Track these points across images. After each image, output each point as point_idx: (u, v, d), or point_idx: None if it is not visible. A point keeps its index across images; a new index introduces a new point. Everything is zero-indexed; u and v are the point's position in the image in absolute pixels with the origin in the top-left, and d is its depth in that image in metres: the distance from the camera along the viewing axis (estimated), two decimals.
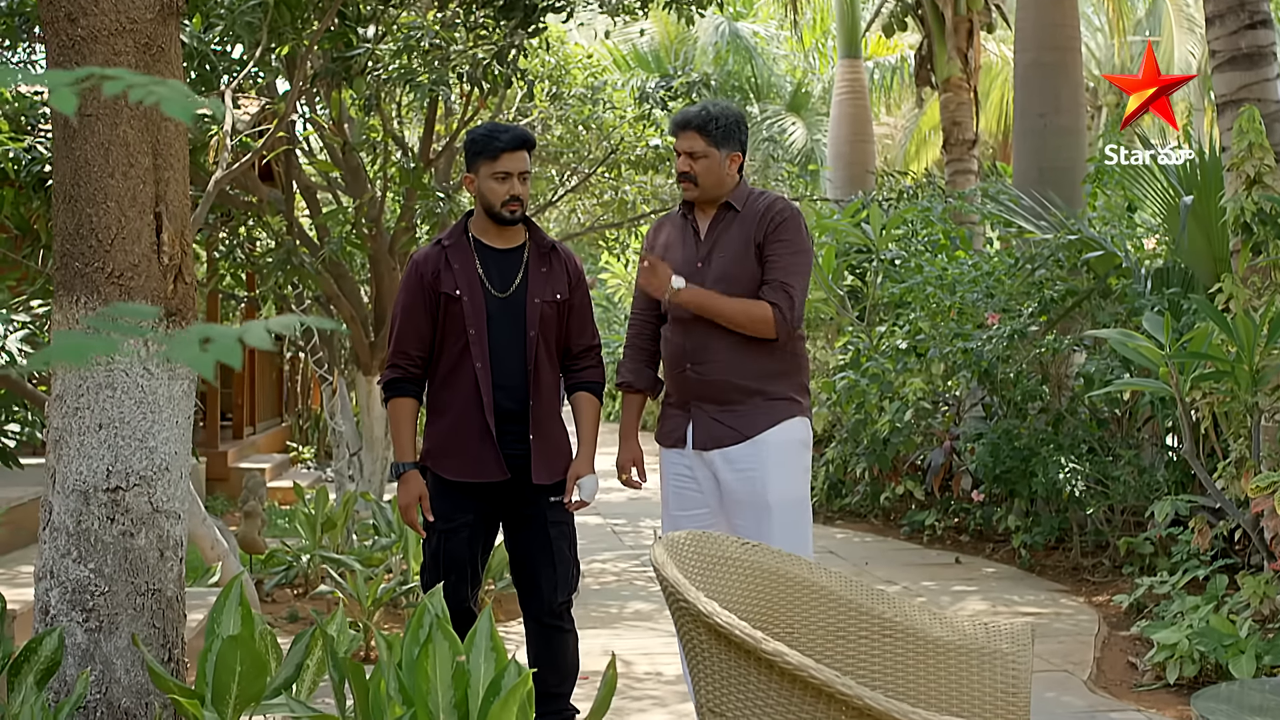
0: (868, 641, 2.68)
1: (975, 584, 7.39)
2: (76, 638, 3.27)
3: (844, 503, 10.46)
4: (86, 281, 3.27)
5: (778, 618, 2.68)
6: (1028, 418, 7.76)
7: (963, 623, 2.76)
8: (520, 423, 3.89)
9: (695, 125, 4.04)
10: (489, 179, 3.90)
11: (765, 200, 4.09)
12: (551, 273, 4.00)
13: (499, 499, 3.90)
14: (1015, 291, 7.87)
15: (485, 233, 3.98)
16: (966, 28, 11.84)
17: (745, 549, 2.71)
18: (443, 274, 3.91)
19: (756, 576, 2.66)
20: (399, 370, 3.94)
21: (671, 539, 2.57)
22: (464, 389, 3.87)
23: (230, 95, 6.47)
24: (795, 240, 4.02)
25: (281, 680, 2.84)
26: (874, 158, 15.01)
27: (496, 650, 2.42)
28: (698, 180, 4.03)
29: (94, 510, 3.28)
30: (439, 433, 3.91)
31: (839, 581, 2.76)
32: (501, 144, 3.90)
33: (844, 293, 10.87)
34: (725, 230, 4.07)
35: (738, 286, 3.99)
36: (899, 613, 2.72)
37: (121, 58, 3.25)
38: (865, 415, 9.48)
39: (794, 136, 20.82)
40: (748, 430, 3.95)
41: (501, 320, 3.90)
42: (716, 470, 3.99)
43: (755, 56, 21.65)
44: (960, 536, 8.98)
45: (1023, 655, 2.64)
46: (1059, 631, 6.06)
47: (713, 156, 4.03)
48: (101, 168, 3.25)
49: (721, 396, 4.00)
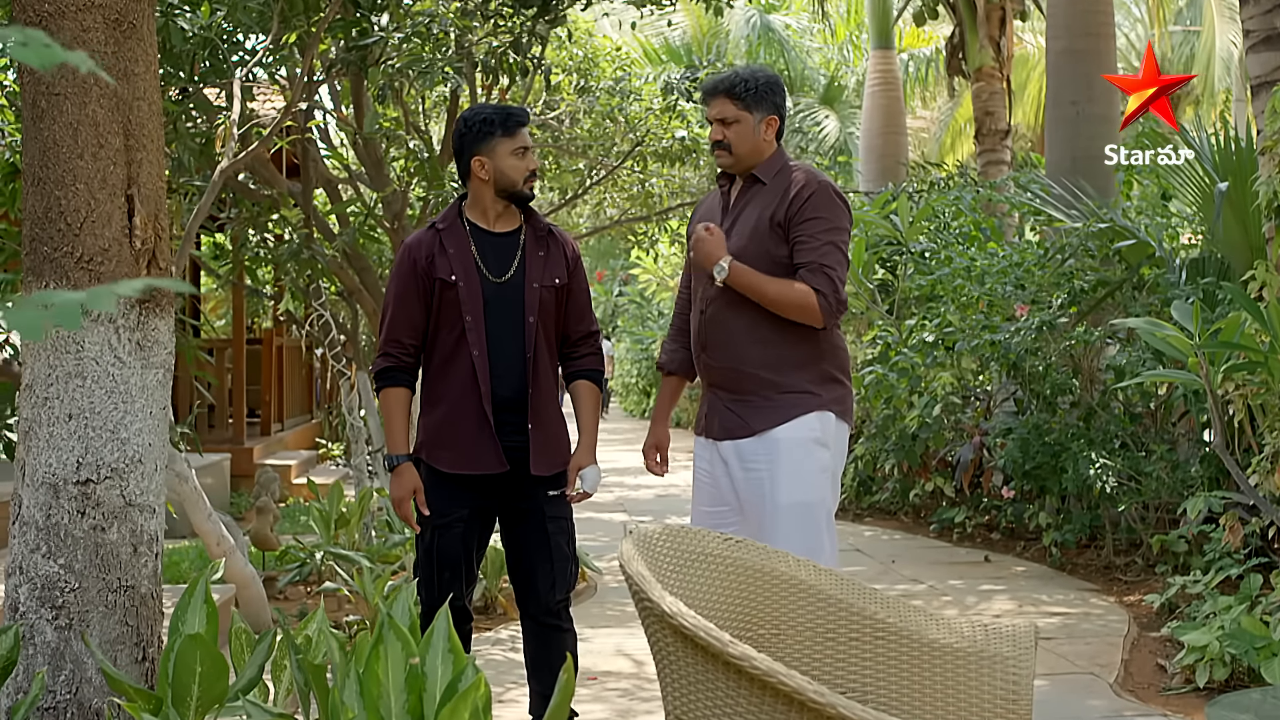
0: (859, 644, 2.52)
1: (1004, 583, 7.19)
2: (46, 635, 3.15)
3: (873, 500, 10.27)
4: (55, 267, 3.15)
5: (762, 618, 2.52)
6: (1058, 412, 7.55)
7: (961, 624, 2.60)
8: (519, 412, 3.75)
9: (724, 89, 3.81)
10: (509, 156, 3.76)
11: (792, 173, 3.80)
12: (549, 257, 3.86)
13: (495, 492, 3.76)
14: (1045, 283, 7.66)
15: (483, 216, 3.84)
16: (999, 15, 11.60)
17: (727, 545, 2.55)
18: (437, 259, 3.78)
19: (739, 574, 2.50)
20: (391, 359, 3.81)
21: (645, 533, 2.42)
22: (460, 378, 3.73)
23: (239, 85, 6.37)
24: (828, 215, 3.72)
25: (244, 682, 2.71)
26: (906, 150, 14.78)
27: (454, 651, 2.28)
28: (731, 148, 3.80)
29: (64, 504, 3.16)
30: (434, 424, 3.78)
31: (829, 580, 2.60)
32: (518, 117, 3.79)
33: (874, 286, 10.68)
34: (748, 204, 3.83)
35: (749, 266, 3.74)
36: (893, 614, 2.56)
37: (90, 34, 3.13)
38: (894, 410, 9.29)
39: (827, 130, 20.60)
40: (756, 424, 3.72)
41: (499, 306, 3.76)
42: (729, 466, 3.77)
43: (787, 49, 21.44)
44: (991, 534, 8.78)
45: (1024, 658, 2.48)
46: (1087, 632, 5.86)
47: (745, 121, 3.79)
48: (70, 148, 3.13)
49: (733, 384, 3.78)
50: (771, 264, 3.74)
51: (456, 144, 3.84)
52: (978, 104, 11.89)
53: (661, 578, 2.32)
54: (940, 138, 21.90)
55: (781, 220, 3.73)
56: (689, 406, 19.87)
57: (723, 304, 3.80)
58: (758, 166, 3.83)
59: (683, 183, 13.31)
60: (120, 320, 3.19)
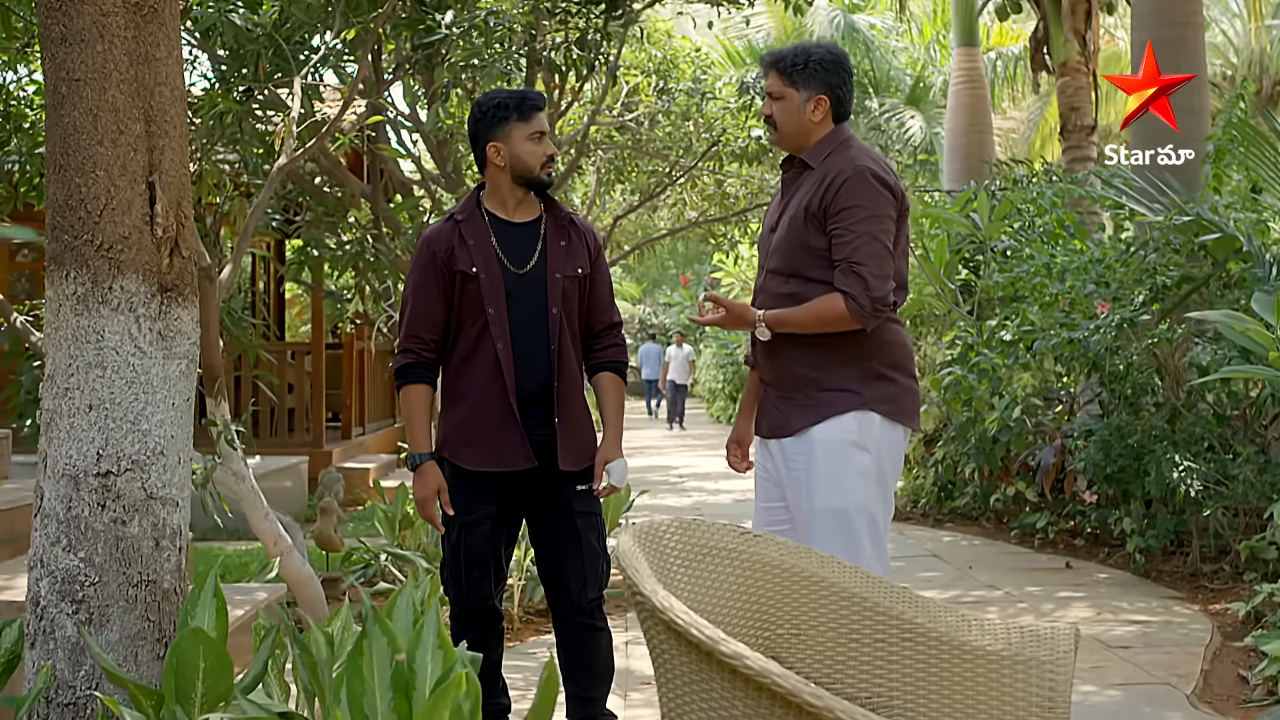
0: (885, 646, 2.37)
1: (1083, 590, 6.94)
2: (67, 630, 3.10)
3: (954, 505, 10.02)
4: (75, 255, 3.10)
5: (781, 617, 2.38)
6: (1141, 413, 7.27)
7: (997, 627, 2.43)
8: (545, 406, 3.64)
9: (772, 62, 3.67)
10: (525, 141, 3.67)
11: (838, 156, 3.59)
12: (571, 246, 3.75)
13: (522, 489, 3.66)
14: (1127, 280, 7.38)
15: (502, 206, 3.75)
16: (1084, 8, 11.28)
17: (744, 539, 2.41)
18: (457, 251, 3.68)
19: (758, 570, 2.37)
20: (411, 355, 3.72)
21: (651, 526, 2.29)
22: (483, 372, 3.63)
23: (300, 84, 6.35)
24: (860, 205, 3.50)
25: (250, 678, 2.63)
26: (992, 149, 14.45)
27: (444, 647, 2.18)
28: (777, 124, 3.66)
29: (84, 496, 3.10)
30: (457, 420, 3.68)
31: (855, 578, 2.45)
32: (534, 101, 3.70)
33: (956, 287, 10.43)
34: (795, 191, 3.65)
35: (789, 258, 3.60)
36: (923, 614, 2.40)
37: (110, 18, 3.08)
38: (974, 413, 9.04)
39: (912, 130, 20.28)
40: (795, 423, 3.56)
41: (521, 298, 3.66)
42: (778, 465, 3.63)
43: (872, 49, 21.16)
44: (1074, 540, 8.50)
45: (1063, 663, 2.30)
46: (1166, 641, 5.61)
47: (790, 98, 3.62)
48: (90, 135, 3.08)
49: (780, 382, 3.64)
50: (810, 256, 3.57)
51: (472, 130, 3.75)
52: (1063, 100, 11.57)
53: (668, 572, 2.20)
54: (1030, 138, 21.46)
55: (817, 210, 3.55)
56: None
57: (768, 296, 3.67)
58: (806, 150, 3.65)
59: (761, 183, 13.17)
60: (141, 310, 3.13)
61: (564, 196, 16.41)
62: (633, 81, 14.23)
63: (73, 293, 3.11)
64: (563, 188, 14.68)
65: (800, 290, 3.58)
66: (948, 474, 9.92)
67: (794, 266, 3.60)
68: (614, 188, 16.44)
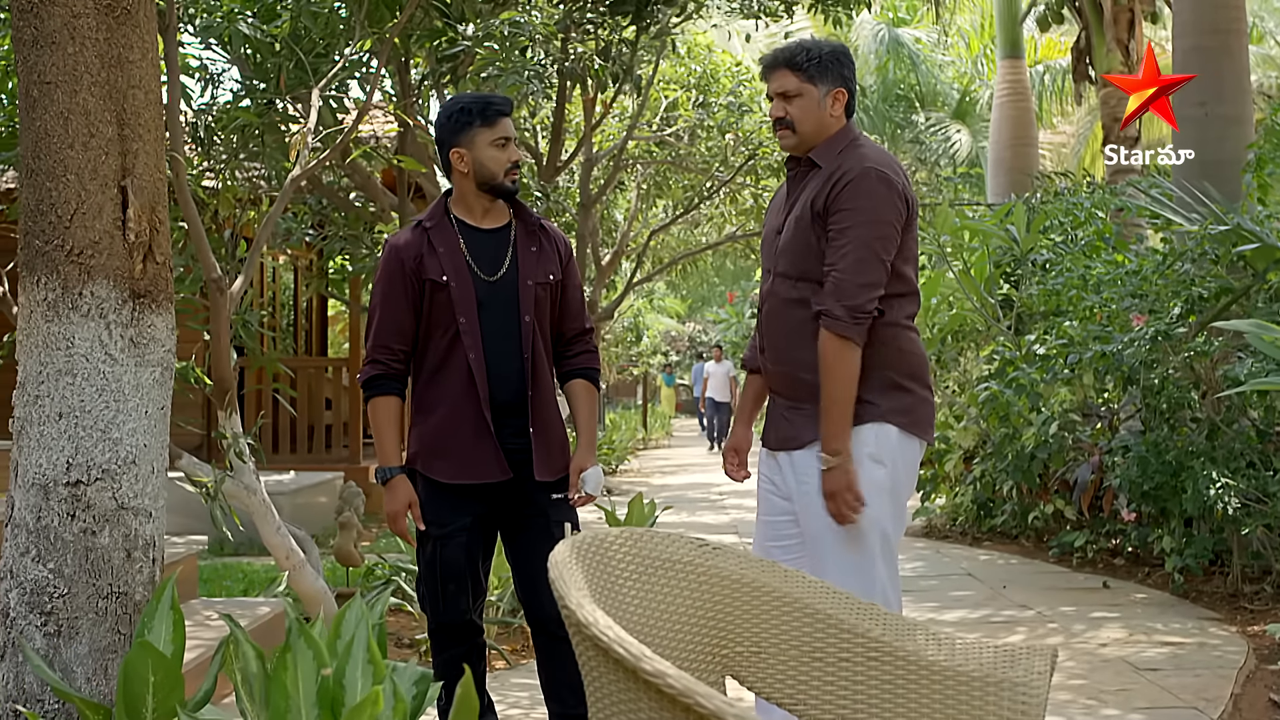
0: (850, 665, 2.24)
1: (1118, 610, 6.75)
2: (36, 642, 3.04)
3: (993, 523, 9.82)
4: (46, 260, 3.05)
5: (741, 634, 2.27)
6: (1177, 429, 7.07)
7: (969, 645, 2.31)
8: (519, 416, 3.56)
9: (783, 61, 3.44)
10: (488, 147, 3.58)
11: (847, 154, 3.39)
12: (542, 252, 3.67)
13: (496, 500, 3.57)
14: (1165, 291, 7.19)
15: (470, 212, 3.67)
16: (1127, 18, 11.09)
17: (702, 552, 2.30)
18: (426, 259, 3.60)
19: (716, 585, 2.25)
20: (380, 366, 3.63)
21: (598, 535, 2.19)
22: (455, 383, 3.55)
23: (318, 96, 6.32)
24: (860, 208, 3.29)
25: (201, 694, 2.56)
26: (1037, 162, 14.26)
27: (374, 662, 2.09)
28: (795, 125, 3.42)
29: (54, 506, 3.05)
30: (429, 432, 3.59)
31: (820, 594, 2.33)
32: (498, 106, 3.60)
33: (997, 301, 10.25)
34: (802, 192, 3.45)
35: (797, 261, 3.40)
36: (890, 632, 2.28)
37: (81, 20, 3.03)
38: (1012, 429, 8.86)
39: (958, 145, 20.06)
40: (806, 435, 3.39)
41: (493, 306, 3.58)
42: (786, 477, 3.46)
43: (918, 64, 20.96)
44: (1114, 559, 8.28)
45: (1036, 684, 2.17)
46: (1198, 664, 5.42)
47: (809, 94, 3.40)
48: (61, 138, 3.03)
49: (790, 391, 3.47)
50: (817, 259, 3.38)
51: (437, 136, 3.68)
52: (1105, 110, 11.38)
53: (614, 586, 2.09)
54: (1080, 152, 21.16)
55: (822, 209, 3.37)
56: None
57: (777, 301, 3.49)
58: (816, 149, 3.45)
59: None
60: (112, 316, 3.07)
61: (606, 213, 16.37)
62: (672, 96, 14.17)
63: (43, 299, 3.06)
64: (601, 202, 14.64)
65: (810, 295, 3.40)
66: (986, 491, 9.72)
67: (802, 269, 3.42)
68: (655, 203, 16.38)
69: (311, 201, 10.34)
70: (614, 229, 16.65)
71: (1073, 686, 5.08)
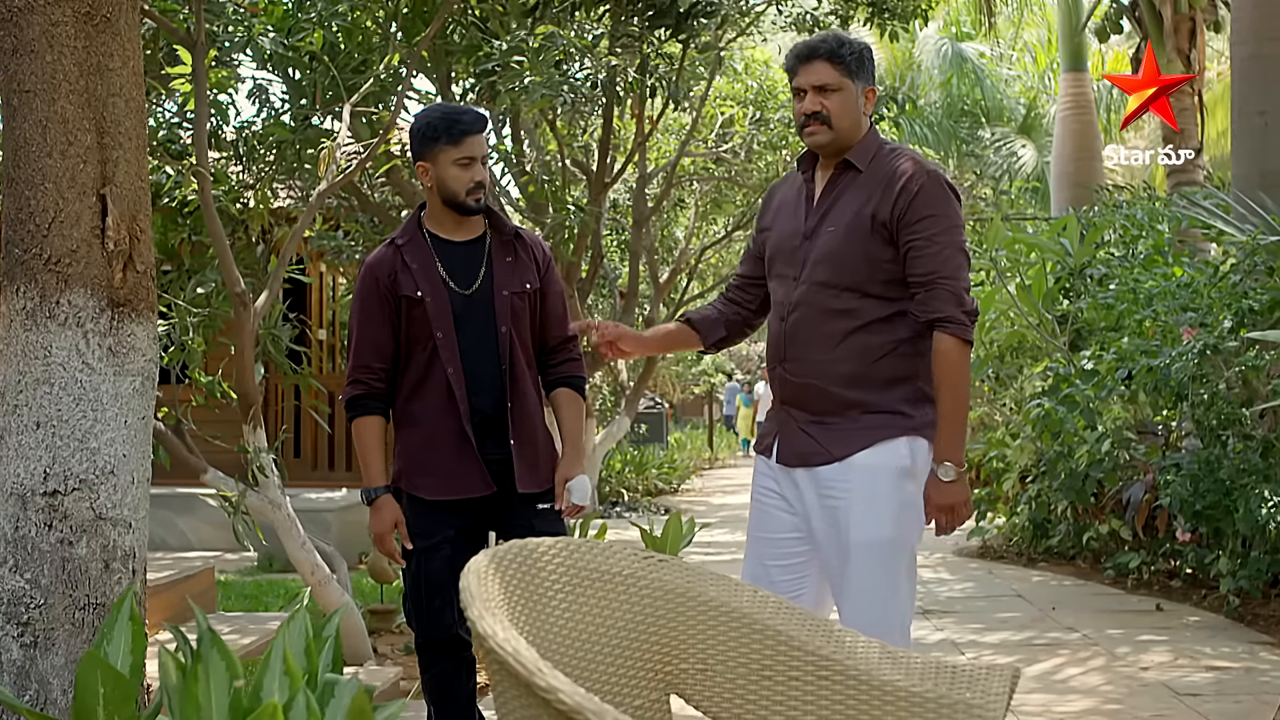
0: (800, 684, 2.14)
1: (1168, 633, 6.54)
2: (12, 653, 3.02)
3: (1048, 543, 9.59)
4: (25, 269, 3.04)
5: (687, 651, 2.18)
6: (1228, 445, 6.85)
7: (925, 665, 2.19)
8: (499, 428, 3.51)
9: (824, 52, 3.26)
10: (451, 165, 3.54)
11: (894, 160, 3.26)
12: (518, 262, 3.62)
13: (482, 513, 3.52)
14: (1216, 304, 6.98)
15: (442, 226, 3.63)
16: (1188, 26, 10.84)
17: (647, 564, 2.21)
18: (400, 275, 3.57)
19: (660, 598, 2.16)
20: (361, 386, 3.60)
21: (526, 545, 2.11)
22: (435, 398, 3.51)
23: (350, 110, 6.33)
24: (944, 212, 3.20)
25: (153, 706, 2.51)
26: (1101, 175, 13.97)
27: (290, 674, 2.02)
28: (831, 120, 3.24)
29: (31, 516, 3.03)
30: (412, 449, 3.56)
31: (771, 610, 2.23)
32: (464, 126, 3.53)
33: (1054, 316, 10.04)
34: (840, 196, 3.28)
35: (845, 270, 3.23)
36: (841, 650, 2.18)
37: (59, 28, 3.02)
38: (1064, 447, 8.65)
39: (1024, 159, 19.77)
40: (838, 450, 3.23)
41: (469, 319, 3.54)
42: (803, 493, 3.30)
43: (982, 78, 20.71)
44: (1170, 581, 8.05)
45: (993, 707, 2.06)
46: (1241, 689, 5.22)
47: (847, 90, 3.25)
48: (40, 147, 3.02)
49: (814, 404, 3.29)
50: (871, 268, 3.24)
51: (411, 146, 3.64)
52: None
53: (539, 598, 2.01)
54: (1151, 166, 20.76)
55: (887, 219, 3.21)
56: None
57: (811, 310, 3.30)
58: (852, 150, 3.30)
59: None
60: (90, 325, 3.05)
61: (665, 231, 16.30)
62: (728, 113, 14.09)
63: (22, 308, 3.05)
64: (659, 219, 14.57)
65: (858, 306, 3.25)
66: (1041, 511, 9.50)
67: (852, 280, 3.26)
68: (714, 220, 16.30)
69: (364, 220, 10.40)
70: (674, 246, 16.59)
71: (1107, 711, 4.92)
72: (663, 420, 23.04)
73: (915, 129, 19.45)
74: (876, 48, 20.99)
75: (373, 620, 6.63)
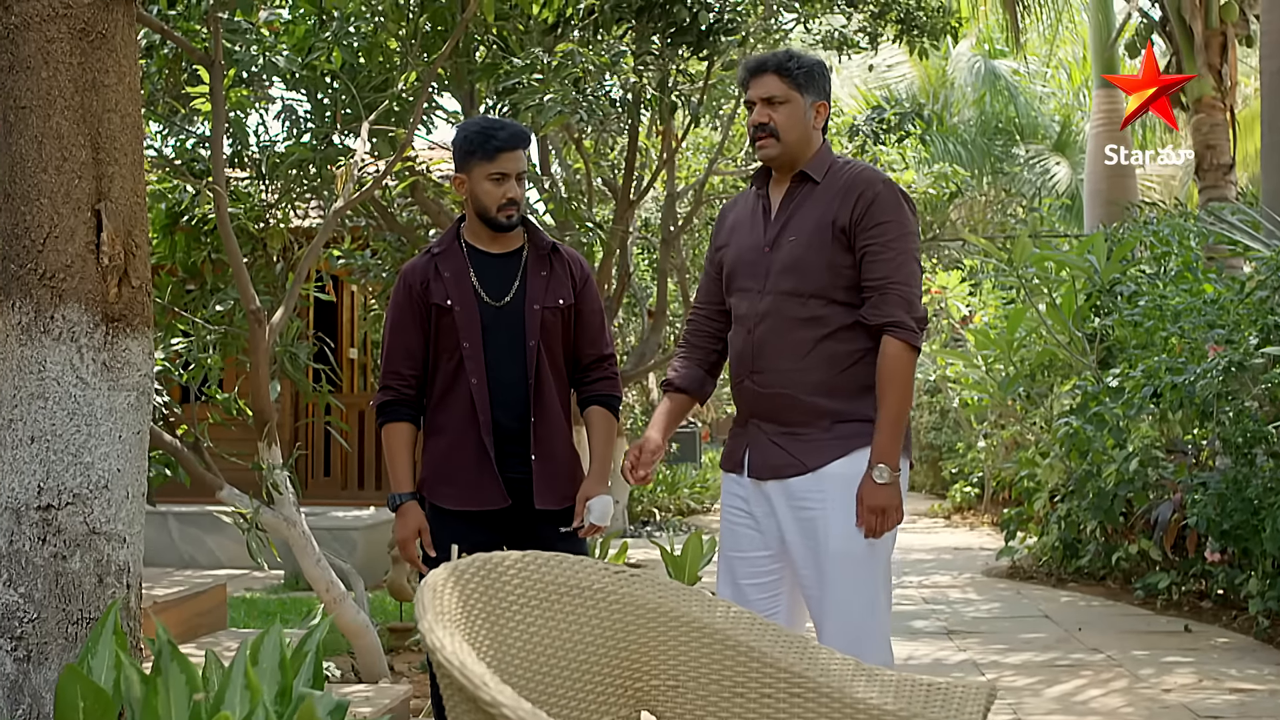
0: (771, 702, 2.11)
1: (1194, 655, 6.43)
2: (5, 668, 3.03)
3: (1078, 564, 9.47)
4: (20, 284, 3.06)
5: (657, 667, 2.14)
6: (1256, 464, 6.74)
7: (900, 683, 2.15)
8: (522, 443, 3.48)
9: (773, 65, 3.33)
10: (484, 180, 3.52)
11: (850, 171, 3.32)
12: (553, 276, 3.59)
13: (503, 528, 3.49)
14: (1243, 320, 6.89)
15: (478, 238, 3.62)
16: (1219, 41, 10.72)
17: (617, 578, 2.18)
18: (432, 284, 3.56)
19: (630, 613, 2.13)
20: (391, 392, 3.60)
21: (489, 558, 2.09)
22: (460, 408, 3.50)
23: (367, 128, 6.35)
24: (896, 221, 3.23)
25: None
26: (1135, 192, 13.81)
27: (251, 688, 2.01)
28: (779, 133, 3.31)
29: (25, 530, 3.04)
30: (435, 458, 3.55)
31: (745, 626, 2.19)
32: (499, 142, 3.51)
33: (1085, 334, 9.95)
34: (800, 207, 3.33)
35: (809, 278, 3.27)
36: (813, 667, 2.14)
37: (55, 45, 3.05)
38: (1093, 466, 8.55)
39: (1058, 177, 19.62)
40: (811, 461, 3.24)
41: (498, 331, 3.52)
42: (775, 507, 3.29)
43: (1016, 96, 20.59)
44: (1201, 602, 7.93)
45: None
46: (1264, 712, 5.12)
47: (795, 103, 3.31)
48: (35, 162, 3.05)
49: (784, 415, 3.30)
50: (834, 275, 3.27)
51: (453, 155, 3.64)
52: (1198, 137, 11.00)
53: (499, 612, 1.99)
54: (1188, 183, 20.56)
55: (846, 224, 3.25)
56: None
57: (778, 320, 3.32)
58: (808, 162, 3.35)
59: None
60: (84, 340, 3.06)
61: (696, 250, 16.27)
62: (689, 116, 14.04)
63: (17, 323, 3.06)
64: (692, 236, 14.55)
65: (825, 313, 3.29)
66: (1071, 531, 9.39)
67: (817, 287, 3.29)
68: None
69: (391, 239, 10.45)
70: None
71: None
72: (696, 439, 22.97)
73: (949, 147, 19.35)
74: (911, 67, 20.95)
75: (391, 638, 6.63)
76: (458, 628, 1.77)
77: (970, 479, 15.79)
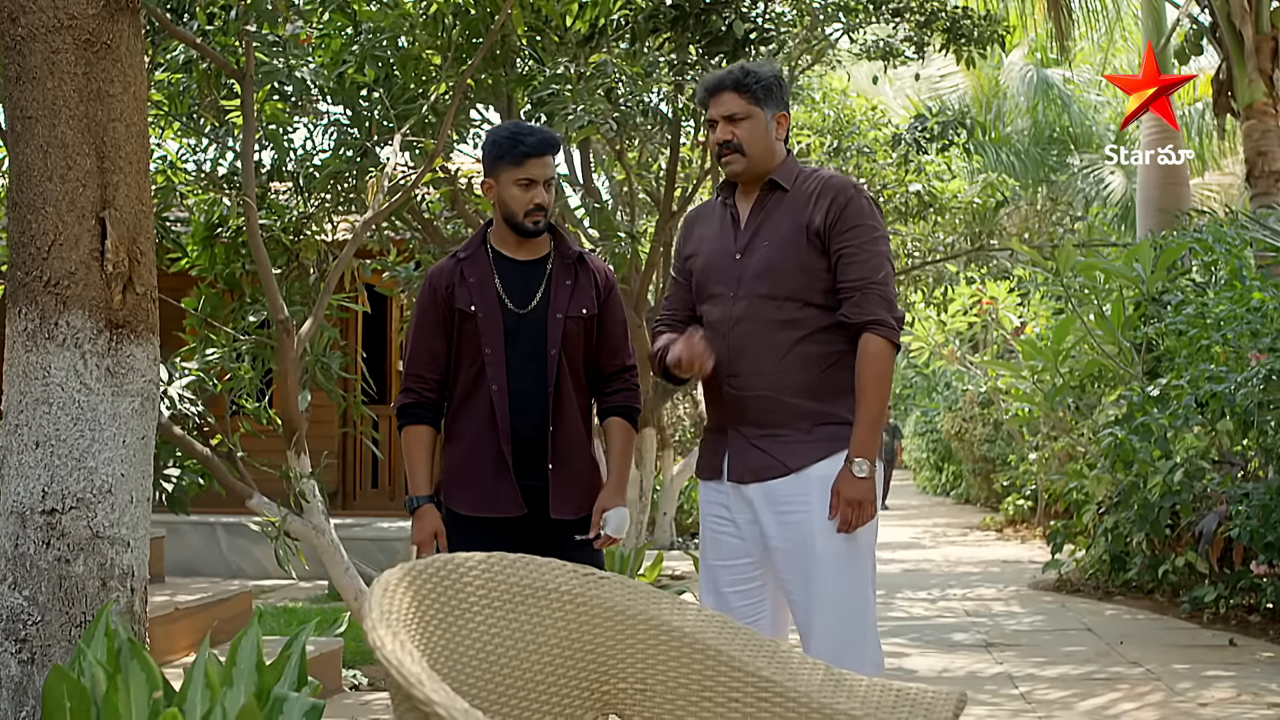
0: (740, 706, 2.08)
1: (1236, 669, 6.30)
2: (10, 669, 3.07)
3: (1125, 576, 9.32)
4: (26, 291, 3.11)
5: (625, 670, 2.13)
6: None
7: (869, 689, 2.12)
8: (540, 451, 3.47)
9: (730, 83, 3.38)
10: (511, 186, 3.51)
11: (819, 179, 3.38)
12: (577, 285, 3.58)
13: (519, 536, 3.47)
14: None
15: (505, 244, 3.61)
16: (1270, 46, 10.54)
17: (585, 581, 2.17)
18: (457, 289, 3.56)
19: (598, 616, 2.12)
20: (412, 395, 3.60)
21: (449, 560, 2.08)
22: (479, 414, 3.50)
23: (399, 140, 6.40)
24: (869, 224, 3.30)
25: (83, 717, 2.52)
26: (1188, 200, 13.60)
27: (211, 686, 2.01)
28: (744, 148, 3.35)
29: (30, 534, 3.08)
30: (453, 463, 3.55)
31: (715, 630, 2.17)
32: (527, 147, 3.50)
33: (1132, 344, 9.81)
34: (771, 214, 3.38)
35: (784, 281, 3.30)
36: (783, 672, 2.11)
37: (60, 55, 3.10)
38: (1138, 477, 8.42)
39: (1113, 186, 19.38)
40: (792, 462, 3.25)
41: (520, 338, 3.51)
42: (758, 511, 3.29)
43: (1069, 105, 20.37)
44: (1249, 616, 7.77)
45: None
46: None
47: (756, 117, 3.36)
48: (40, 171, 3.10)
49: (764, 417, 3.30)
50: (808, 277, 3.31)
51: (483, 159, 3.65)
52: (1249, 144, 10.82)
53: (457, 614, 1.98)
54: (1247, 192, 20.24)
55: (821, 228, 3.29)
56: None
57: (755, 324, 3.34)
58: (776, 171, 3.40)
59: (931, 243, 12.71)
60: (88, 346, 3.11)
61: None
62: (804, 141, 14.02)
63: (23, 329, 3.11)
64: None
65: (801, 315, 3.32)
66: (1118, 544, 9.25)
67: (792, 289, 3.33)
68: None
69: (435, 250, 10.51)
70: None
71: None
72: None
73: (1001, 156, 19.19)
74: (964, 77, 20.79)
75: None
76: (406, 628, 1.77)
77: (1023, 491, 15.63)
